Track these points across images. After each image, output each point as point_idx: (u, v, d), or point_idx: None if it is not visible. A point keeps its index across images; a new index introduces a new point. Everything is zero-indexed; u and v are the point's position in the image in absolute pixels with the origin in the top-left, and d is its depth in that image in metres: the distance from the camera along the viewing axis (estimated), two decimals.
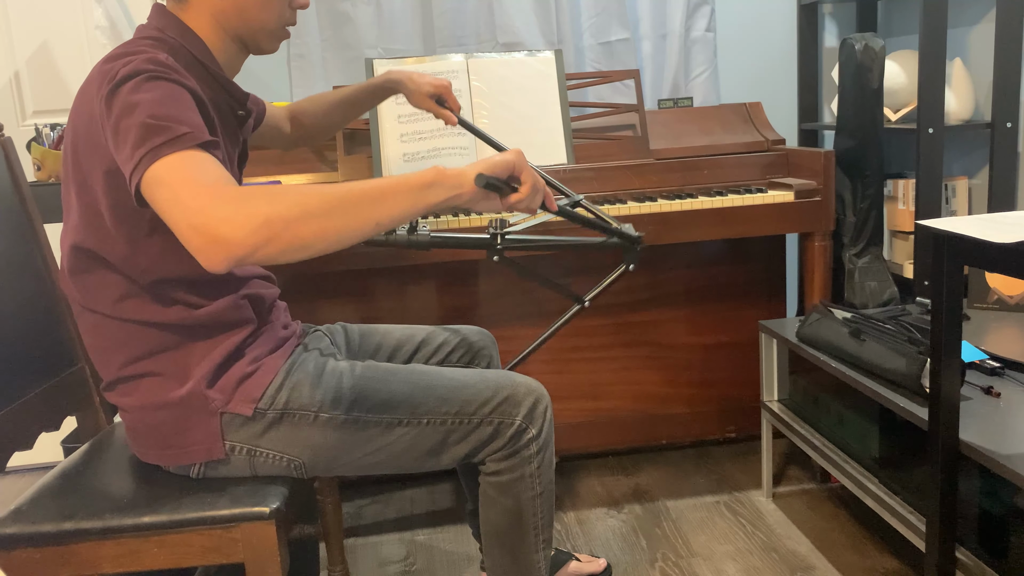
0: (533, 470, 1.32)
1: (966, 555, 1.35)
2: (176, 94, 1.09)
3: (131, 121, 1.05)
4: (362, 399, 1.27)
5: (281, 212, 0.96)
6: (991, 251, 1.13)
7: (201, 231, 0.95)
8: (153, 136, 1.03)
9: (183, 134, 1.03)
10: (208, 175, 1.00)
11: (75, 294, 1.23)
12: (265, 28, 1.27)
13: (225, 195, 0.97)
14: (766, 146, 2.28)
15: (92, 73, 1.16)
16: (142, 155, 1.02)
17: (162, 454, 1.26)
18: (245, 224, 0.94)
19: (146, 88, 1.07)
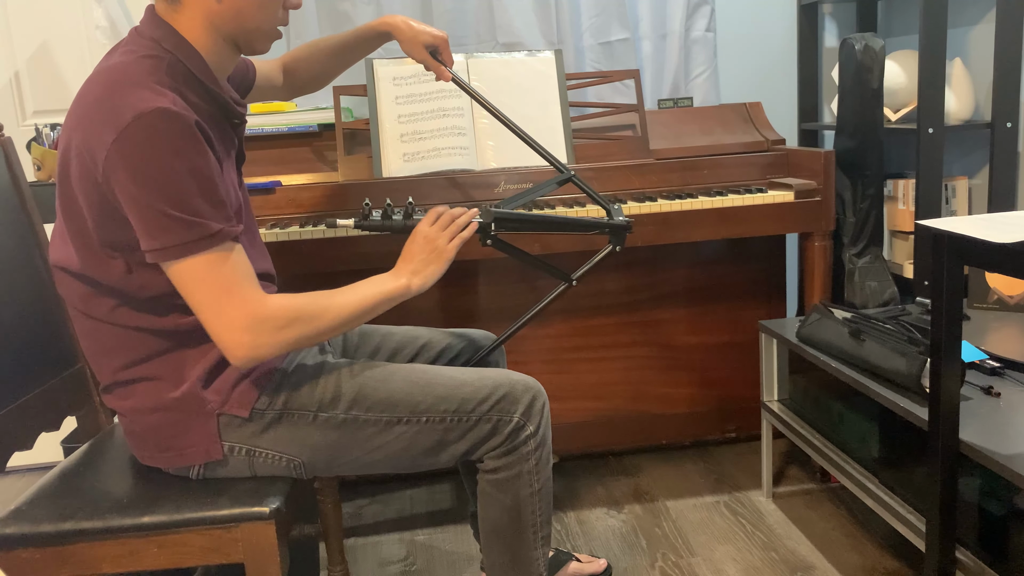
0: (531, 467, 1.32)
1: (966, 555, 1.35)
2: (197, 165, 1.11)
3: (153, 201, 1.08)
4: (361, 398, 1.27)
5: (302, 337, 1.20)
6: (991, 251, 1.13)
7: (235, 347, 1.15)
8: (182, 231, 1.10)
9: (214, 232, 1.11)
10: (238, 274, 1.15)
11: (70, 298, 1.23)
12: (260, 29, 1.26)
13: (260, 319, 1.15)
14: (766, 146, 2.28)
15: (91, 96, 1.13)
16: (170, 246, 1.10)
17: (161, 456, 1.26)
18: (274, 350, 1.18)
19: (163, 154, 1.08)
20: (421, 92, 2.11)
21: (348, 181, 2.06)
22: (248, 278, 1.17)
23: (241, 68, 1.49)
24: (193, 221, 1.10)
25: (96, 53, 2.43)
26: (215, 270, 1.13)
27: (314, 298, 1.23)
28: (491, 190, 2.07)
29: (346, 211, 2.03)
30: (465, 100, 2.11)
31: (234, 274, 1.15)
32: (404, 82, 2.10)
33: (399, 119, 2.09)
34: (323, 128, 2.20)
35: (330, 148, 2.18)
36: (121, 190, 1.09)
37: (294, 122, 2.18)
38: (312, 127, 2.19)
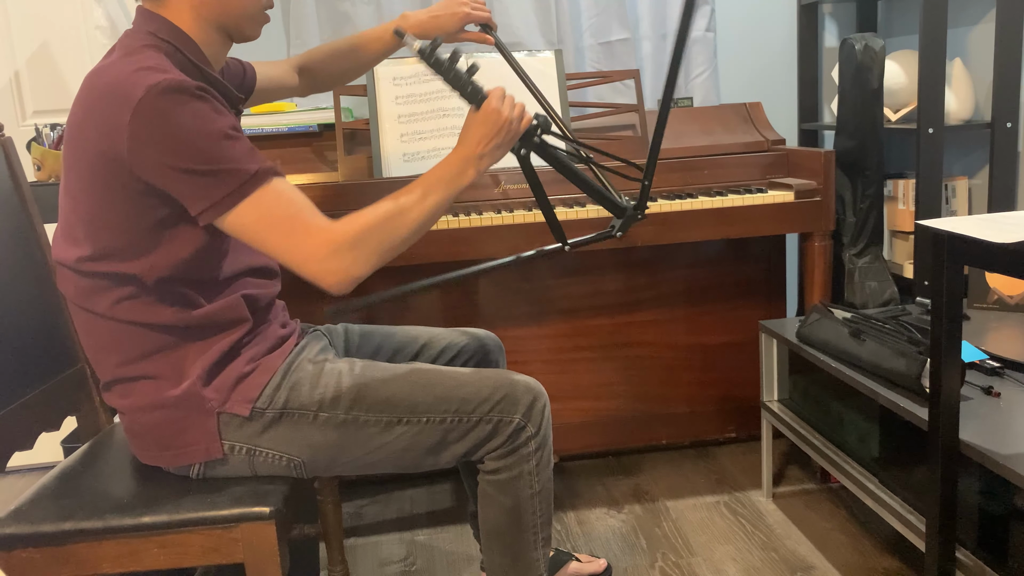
0: (531, 468, 1.32)
1: (966, 555, 1.36)
2: (217, 122, 1.12)
3: (186, 164, 1.09)
4: (361, 398, 1.27)
5: (386, 244, 1.21)
6: (991, 251, 1.13)
7: (325, 276, 1.16)
8: (223, 182, 1.11)
9: (255, 173, 1.12)
10: (295, 206, 1.16)
11: (71, 293, 1.23)
12: (246, 13, 1.27)
13: (334, 243, 1.15)
14: (766, 146, 2.28)
15: (97, 87, 1.14)
16: (217, 200, 1.11)
17: (161, 455, 1.26)
18: (365, 265, 1.19)
19: (182, 119, 1.09)
20: (421, 92, 2.11)
21: (348, 181, 2.06)
22: (307, 208, 1.16)
23: (237, 70, 1.49)
24: (231, 169, 1.11)
25: (96, 53, 2.43)
26: (271, 209, 1.14)
27: (378, 205, 1.21)
28: (491, 190, 2.07)
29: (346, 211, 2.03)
30: None
31: (291, 207, 1.15)
32: (404, 82, 2.11)
33: (399, 119, 2.09)
34: (323, 128, 2.20)
35: (330, 148, 2.18)
36: (152, 165, 1.10)
37: (294, 122, 2.18)
38: (312, 127, 2.19)
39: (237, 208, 1.13)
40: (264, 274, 1.35)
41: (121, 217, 1.15)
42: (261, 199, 1.14)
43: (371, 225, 1.18)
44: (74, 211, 1.19)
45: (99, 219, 1.17)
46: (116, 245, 1.17)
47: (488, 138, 1.28)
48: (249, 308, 1.28)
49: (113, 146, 1.10)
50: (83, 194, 1.17)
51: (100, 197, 1.15)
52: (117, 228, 1.17)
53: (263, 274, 1.35)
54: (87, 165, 1.15)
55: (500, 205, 2.03)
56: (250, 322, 1.27)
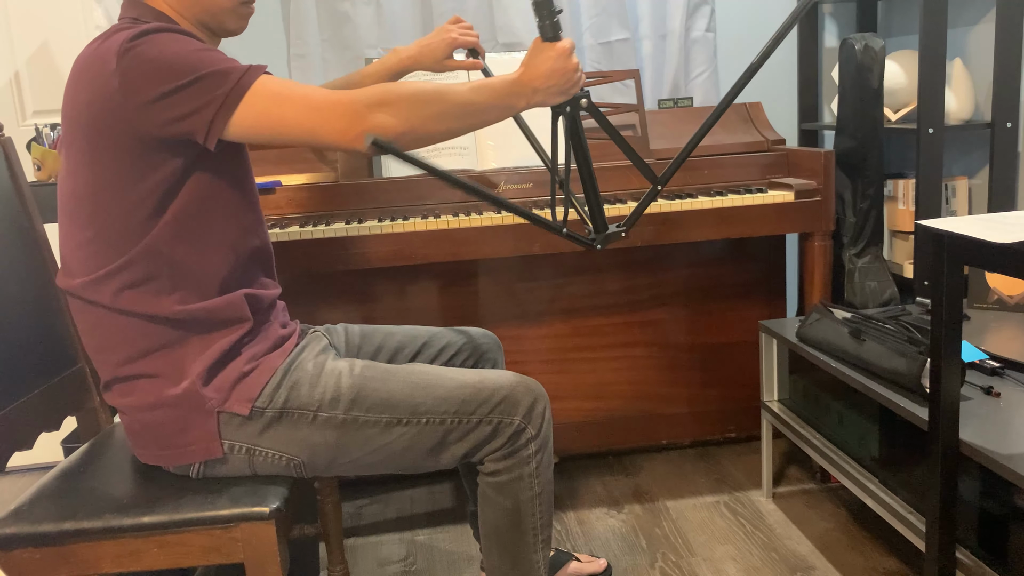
0: (531, 470, 1.32)
1: (966, 555, 1.36)
2: (202, 46, 1.15)
3: (181, 79, 1.10)
4: (361, 398, 1.27)
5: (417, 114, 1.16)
6: (991, 251, 1.13)
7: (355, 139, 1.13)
8: (220, 81, 1.11)
9: (248, 67, 1.13)
10: (299, 85, 1.15)
11: (74, 286, 1.23)
12: (223, 8, 1.27)
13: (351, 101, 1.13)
14: (766, 146, 2.28)
15: (84, 54, 1.16)
16: (219, 96, 1.11)
17: (161, 454, 1.26)
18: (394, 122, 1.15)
19: (169, 46, 1.11)
20: None
21: (347, 181, 2.06)
22: (313, 87, 1.16)
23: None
24: (223, 70, 1.12)
25: None
26: (277, 94, 1.13)
27: (416, 84, 1.21)
28: (491, 190, 2.07)
29: (346, 211, 2.03)
30: None
31: (296, 87, 1.15)
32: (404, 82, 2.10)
33: None
34: None
35: None
36: (147, 102, 1.10)
37: None
38: None
39: (242, 104, 1.12)
40: (266, 274, 1.36)
41: (122, 186, 1.15)
42: (263, 88, 1.13)
43: (400, 89, 1.17)
44: (73, 195, 1.19)
45: (101, 193, 1.16)
46: (117, 225, 1.17)
47: (554, 76, 1.27)
48: (250, 308, 1.28)
49: (107, 101, 1.11)
50: (83, 168, 1.17)
51: (100, 167, 1.15)
52: (118, 201, 1.16)
53: (265, 274, 1.35)
54: (83, 136, 1.15)
55: None
56: (251, 321, 1.27)
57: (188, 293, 1.22)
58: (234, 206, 1.26)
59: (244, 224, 1.28)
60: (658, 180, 1.43)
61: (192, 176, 1.19)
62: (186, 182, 1.19)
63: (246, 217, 1.29)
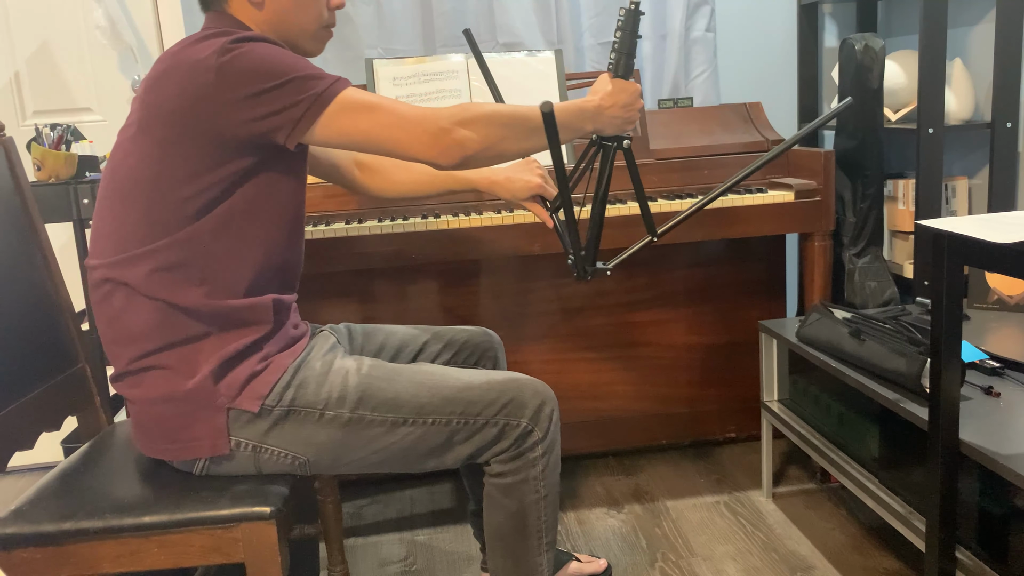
0: (537, 473, 1.32)
1: (966, 555, 1.36)
2: (292, 54, 1.21)
3: (278, 76, 1.15)
4: (368, 397, 1.27)
5: (494, 129, 1.23)
6: (991, 251, 1.13)
7: (442, 153, 1.19)
8: (316, 81, 1.17)
9: (339, 77, 1.20)
10: (389, 99, 1.21)
11: (105, 265, 1.23)
12: (305, 31, 1.32)
13: (437, 116, 1.19)
14: (766, 146, 2.28)
15: (177, 55, 1.19)
16: (317, 92, 1.16)
17: (167, 448, 1.26)
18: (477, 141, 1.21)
19: (266, 50, 1.17)
20: (421, 92, 2.11)
21: None
22: (400, 101, 1.22)
23: None
24: (319, 74, 1.19)
25: (96, 53, 2.43)
26: (366, 98, 1.19)
27: (497, 105, 1.28)
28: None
29: (346, 211, 2.03)
30: (465, 100, 2.11)
31: (384, 100, 1.20)
32: (404, 82, 2.11)
33: None
34: None
35: None
36: (240, 92, 1.15)
37: None
38: None
39: (331, 108, 1.18)
40: (292, 280, 1.37)
41: (186, 177, 1.18)
42: (353, 96, 1.19)
43: (481, 109, 1.22)
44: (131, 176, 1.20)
45: (162, 180, 1.18)
46: (168, 213, 1.19)
47: (626, 110, 1.35)
48: (274, 312, 1.29)
49: (198, 93, 1.15)
50: (152, 153, 1.19)
51: (171, 156, 1.18)
52: (176, 191, 1.19)
53: (292, 281, 1.37)
54: (162, 124, 1.18)
55: (500, 205, 2.03)
56: (272, 324, 1.28)
57: (217, 288, 1.23)
58: (282, 216, 1.28)
59: (287, 234, 1.30)
60: (655, 233, 1.51)
61: (252, 179, 1.22)
62: (245, 183, 1.22)
63: (291, 229, 1.31)
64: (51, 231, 1.57)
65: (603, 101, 1.33)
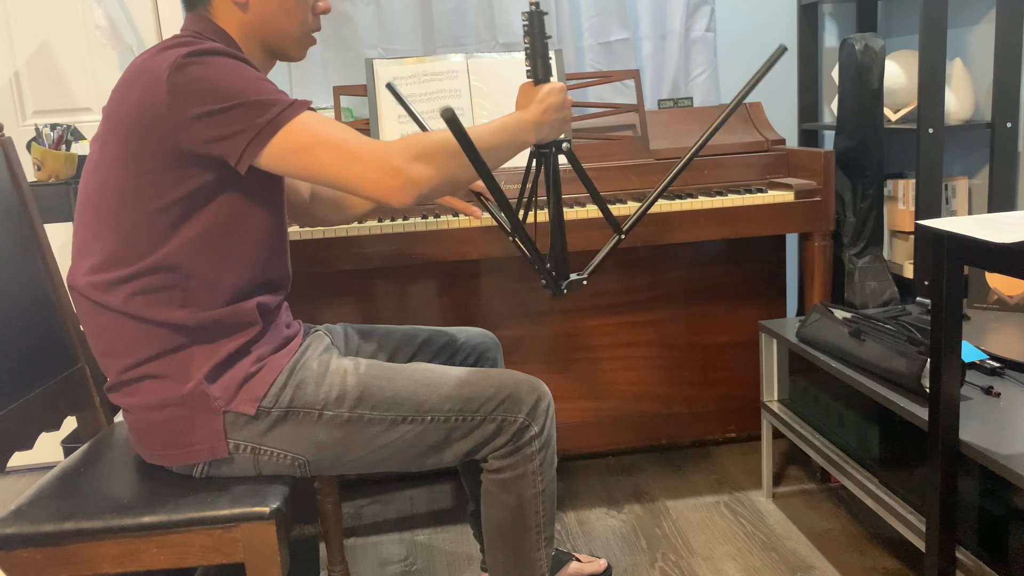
0: (535, 467, 1.32)
1: (966, 555, 1.35)
2: (253, 72, 1.16)
3: (228, 100, 1.11)
4: (366, 396, 1.28)
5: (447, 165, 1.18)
6: (991, 251, 1.13)
7: (390, 193, 1.13)
8: (265, 108, 1.12)
9: (294, 101, 1.14)
10: (341, 128, 1.16)
11: (84, 287, 1.23)
12: (291, 36, 1.30)
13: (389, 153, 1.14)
14: (766, 146, 2.28)
15: (135, 63, 1.18)
16: (263, 123, 1.12)
17: (166, 454, 1.26)
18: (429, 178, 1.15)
19: (220, 67, 1.13)
20: (421, 92, 2.11)
21: None
22: (353, 132, 1.17)
23: None
24: (269, 100, 1.13)
25: (96, 53, 2.43)
26: (316, 133, 1.14)
27: (439, 132, 1.20)
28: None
29: None
30: (465, 100, 2.11)
31: (338, 130, 1.15)
32: (404, 82, 2.11)
33: (399, 119, 2.09)
34: None
35: None
36: (190, 112, 1.12)
37: None
38: None
39: (278, 137, 1.13)
40: (278, 285, 1.36)
41: (152, 189, 1.16)
42: (301, 126, 1.14)
43: (432, 140, 1.18)
44: (101, 188, 1.19)
45: (129, 192, 1.17)
46: (138, 229, 1.18)
47: (554, 108, 1.31)
48: (261, 314, 1.29)
49: (153, 108, 1.12)
50: (117, 164, 1.17)
51: (135, 167, 1.16)
52: (144, 204, 1.17)
53: (277, 285, 1.35)
54: (124, 136, 1.16)
55: None
56: (260, 325, 1.28)
57: (200, 306, 1.22)
58: (260, 233, 1.27)
59: (268, 252, 1.29)
60: (620, 230, 1.47)
61: (222, 195, 1.20)
62: (215, 200, 1.20)
63: (272, 245, 1.30)
64: (51, 231, 1.57)
65: (536, 109, 1.30)
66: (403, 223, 1.91)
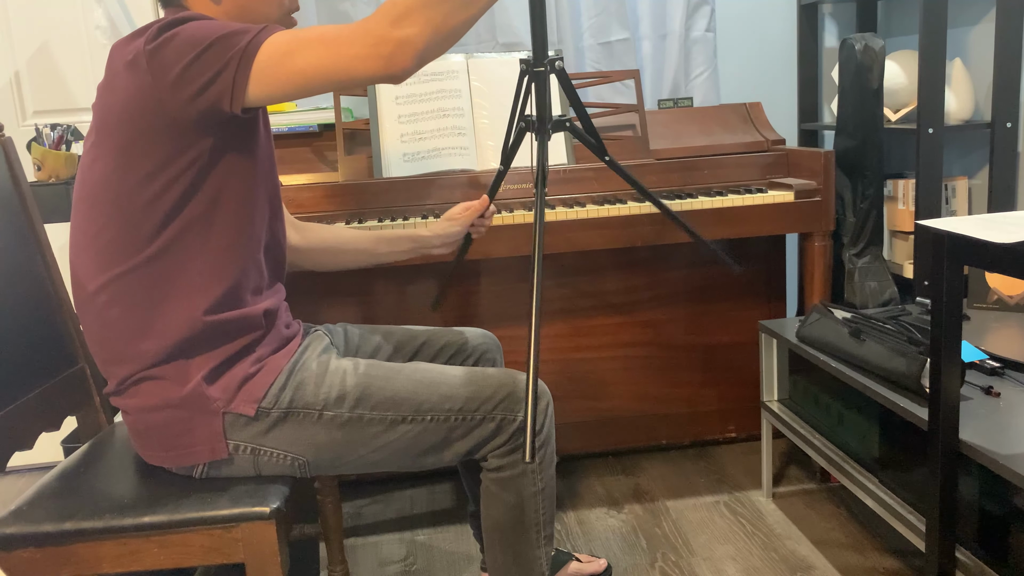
0: (535, 466, 1.33)
1: (966, 555, 1.36)
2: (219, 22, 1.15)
3: (206, 40, 1.10)
4: (366, 397, 1.28)
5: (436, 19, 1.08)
6: (991, 251, 1.13)
7: (386, 61, 1.07)
8: (242, 34, 1.11)
9: (266, 25, 1.13)
10: (319, 26, 1.14)
11: (87, 292, 1.22)
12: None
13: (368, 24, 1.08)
14: (766, 146, 2.28)
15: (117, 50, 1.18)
16: (244, 43, 1.10)
17: (166, 455, 1.26)
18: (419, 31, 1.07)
19: (196, 23, 1.13)
20: (421, 92, 2.11)
21: (348, 181, 2.06)
22: (330, 25, 1.15)
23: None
24: (241, 29, 1.12)
25: (96, 53, 2.43)
26: (294, 34, 1.11)
27: None
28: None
29: (346, 211, 2.03)
30: (465, 100, 2.11)
31: (314, 28, 1.12)
32: (404, 82, 2.11)
33: (399, 119, 2.09)
34: (323, 128, 2.20)
35: (330, 148, 2.18)
36: (173, 72, 1.11)
37: (294, 122, 2.18)
38: (312, 127, 2.19)
39: (260, 55, 1.10)
40: (278, 280, 1.36)
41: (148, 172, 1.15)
42: (278, 39, 1.11)
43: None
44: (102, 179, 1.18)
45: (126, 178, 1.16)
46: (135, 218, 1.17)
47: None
48: (264, 319, 1.29)
49: (138, 84, 1.12)
50: (112, 154, 1.16)
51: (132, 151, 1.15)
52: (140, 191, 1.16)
53: (278, 280, 1.36)
54: (115, 124, 1.16)
55: (500, 205, 2.03)
56: (263, 329, 1.28)
57: (202, 306, 1.21)
58: (255, 203, 1.25)
59: (264, 222, 1.28)
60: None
61: (216, 166, 1.18)
62: (209, 173, 1.18)
63: (268, 216, 1.29)
64: (51, 231, 1.56)
65: None
66: (403, 223, 1.91)
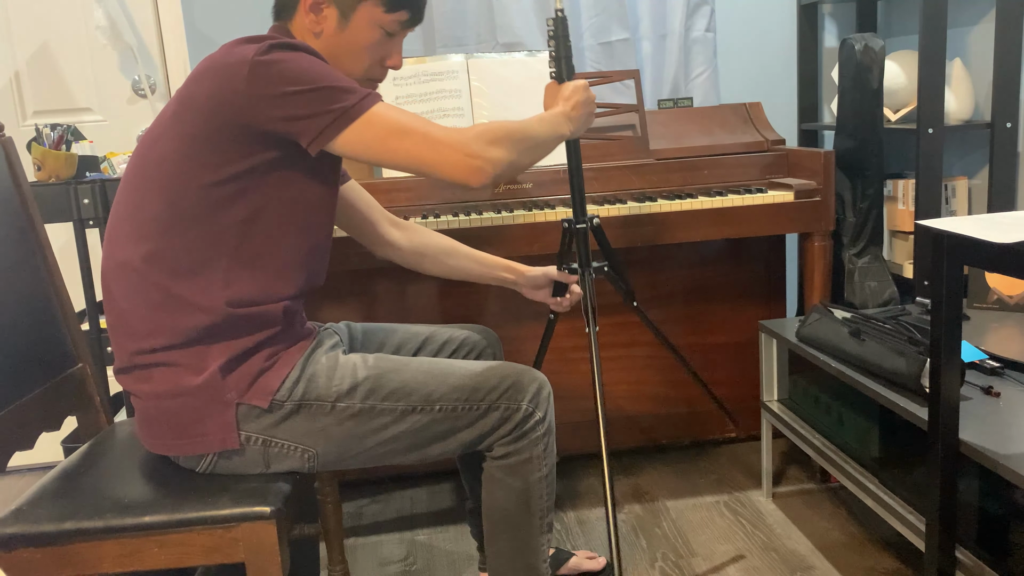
0: (540, 452, 1.36)
1: (966, 555, 1.36)
2: (330, 66, 1.25)
3: (313, 83, 1.18)
4: (378, 388, 1.30)
5: (517, 150, 1.30)
6: (991, 251, 1.13)
7: (472, 172, 1.23)
8: (350, 93, 1.20)
9: (371, 92, 1.23)
10: (419, 118, 1.25)
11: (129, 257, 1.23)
12: (351, 75, 1.33)
13: (469, 138, 1.24)
14: (766, 146, 2.28)
15: (225, 50, 1.22)
16: (349, 104, 1.19)
17: (175, 443, 1.26)
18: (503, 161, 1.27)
19: (303, 57, 1.20)
20: (421, 92, 2.11)
21: None
22: (428, 121, 1.25)
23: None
24: (348, 87, 1.21)
25: (96, 53, 2.43)
26: (398, 118, 1.22)
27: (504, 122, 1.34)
28: (490, 189, 2.07)
29: None
30: (465, 101, 2.11)
31: (415, 119, 1.24)
32: (404, 82, 2.11)
33: None
34: None
35: None
36: (270, 91, 1.17)
37: None
38: None
39: (359, 122, 1.20)
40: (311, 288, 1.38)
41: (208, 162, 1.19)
42: (383, 113, 1.21)
43: (500, 127, 1.29)
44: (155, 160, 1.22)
45: (187, 162, 1.20)
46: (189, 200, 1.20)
47: (580, 105, 1.47)
48: (285, 317, 1.30)
49: (231, 86, 1.17)
50: (177, 137, 1.20)
51: (197, 138, 1.19)
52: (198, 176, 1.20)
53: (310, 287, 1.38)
54: (193, 111, 1.20)
55: (500, 205, 2.03)
56: (281, 326, 1.29)
57: (238, 294, 1.24)
58: (307, 221, 1.30)
59: (312, 242, 1.32)
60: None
61: (276, 174, 1.24)
62: (269, 177, 1.23)
63: (316, 237, 1.33)
64: (51, 231, 1.57)
65: (566, 105, 1.47)
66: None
